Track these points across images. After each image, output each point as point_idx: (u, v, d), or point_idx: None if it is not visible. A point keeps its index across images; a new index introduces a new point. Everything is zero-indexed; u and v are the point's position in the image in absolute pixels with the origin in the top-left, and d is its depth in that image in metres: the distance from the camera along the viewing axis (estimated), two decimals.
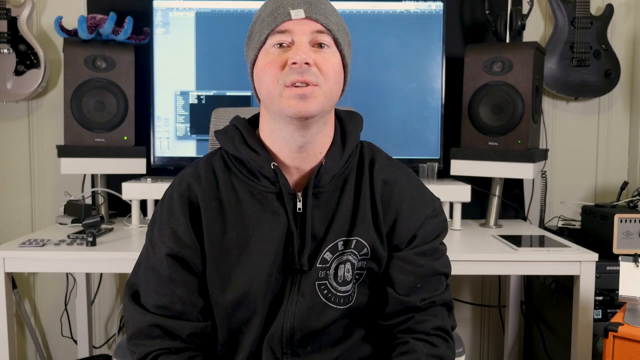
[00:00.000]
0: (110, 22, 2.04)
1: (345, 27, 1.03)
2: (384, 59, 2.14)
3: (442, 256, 1.07)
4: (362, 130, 1.09)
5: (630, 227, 1.81)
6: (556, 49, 2.29)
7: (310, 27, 0.95)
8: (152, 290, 1.00)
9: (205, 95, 2.12)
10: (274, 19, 0.95)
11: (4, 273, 1.68)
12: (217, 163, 1.05)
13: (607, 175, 2.43)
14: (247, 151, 1.00)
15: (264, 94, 0.98)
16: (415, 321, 1.01)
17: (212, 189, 1.02)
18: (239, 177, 1.02)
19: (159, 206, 1.05)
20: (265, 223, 0.99)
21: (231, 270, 0.99)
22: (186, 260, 0.99)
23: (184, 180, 1.03)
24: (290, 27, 0.95)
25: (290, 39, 0.95)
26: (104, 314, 2.42)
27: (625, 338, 1.36)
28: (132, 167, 2.07)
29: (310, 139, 0.99)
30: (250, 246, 0.99)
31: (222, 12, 2.11)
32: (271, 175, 1.00)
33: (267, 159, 1.00)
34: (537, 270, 1.84)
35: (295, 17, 0.95)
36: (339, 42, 0.98)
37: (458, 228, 2.06)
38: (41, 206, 2.38)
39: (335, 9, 1.02)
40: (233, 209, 1.00)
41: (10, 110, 2.34)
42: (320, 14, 0.96)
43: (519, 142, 2.01)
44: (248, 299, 0.97)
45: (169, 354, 0.97)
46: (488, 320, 2.47)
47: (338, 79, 0.98)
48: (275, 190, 1.00)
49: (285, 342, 0.98)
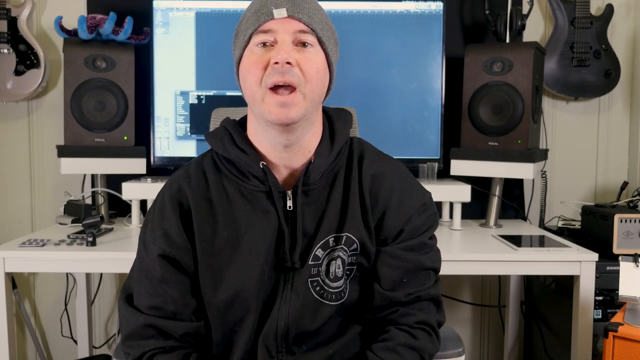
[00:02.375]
0: (110, 22, 2.04)
1: (331, 26, 1.03)
2: (384, 59, 2.14)
3: (430, 251, 1.06)
4: (351, 126, 1.09)
5: (630, 227, 1.81)
6: (556, 49, 2.29)
7: (293, 27, 0.96)
8: (145, 292, 1.01)
9: (205, 95, 2.12)
10: (257, 19, 0.96)
11: (4, 273, 1.68)
12: (207, 164, 1.06)
13: (607, 175, 2.43)
14: (236, 151, 1.01)
15: (248, 95, 0.99)
16: (400, 314, 1.01)
17: (202, 190, 1.03)
18: (229, 177, 1.03)
19: (151, 208, 1.06)
20: (256, 222, 1.00)
21: (223, 270, 0.99)
22: (178, 261, 1.00)
23: (174, 182, 1.05)
24: (273, 27, 0.95)
25: (274, 38, 0.96)
26: (104, 314, 2.42)
27: (625, 338, 1.36)
28: (132, 167, 2.07)
29: (295, 140, 0.99)
30: (241, 246, 0.99)
31: (222, 12, 2.11)
32: (260, 174, 1.00)
33: (256, 159, 1.00)
34: (537, 270, 1.84)
35: (277, 16, 0.95)
36: (322, 41, 0.98)
37: (458, 228, 2.06)
38: (41, 206, 2.38)
39: (320, 7, 1.02)
40: (224, 209, 1.01)
41: (10, 110, 2.34)
42: (303, 13, 0.96)
43: (519, 142, 2.01)
44: (241, 298, 0.98)
45: (163, 353, 0.98)
46: (488, 320, 2.47)
47: (321, 79, 0.98)
48: (265, 189, 1.01)
49: (280, 340, 0.99)
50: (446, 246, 1.87)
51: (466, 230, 2.08)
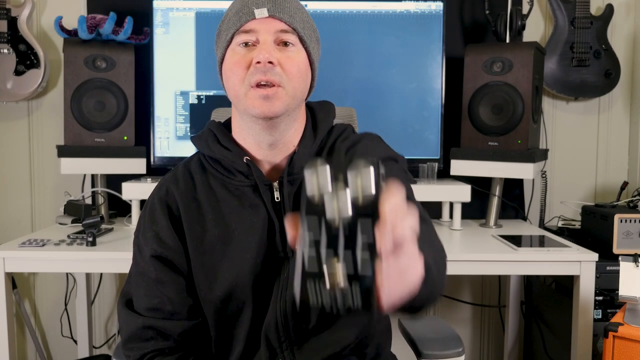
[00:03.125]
0: (110, 22, 2.04)
1: (313, 24, 1.04)
2: (384, 59, 2.14)
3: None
4: (335, 117, 1.10)
5: (630, 227, 1.81)
6: (556, 49, 2.29)
7: (274, 26, 0.97)
8: (142, 294, 1.02)
9: (205, 95, 2.12)
10: (239, 19, 0.97)
11: (4, 273, 1.68)
12: (194, 166, 1.07)
13: (607, 175, 2.43)
14: (220, 149, 1.03)
15: (231, 93, 1.00)
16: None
17: (189, 191, 1.04)
18: (215, 176, 1.04)
19: (142, 212, 1.07)
20: (245, 217, 1.01)
21: (216, 267, 1.00)
22: (171, 261, 1.01)
23: (163, 185, 1.06)
24: (255, 27, 0.96)
25: (255, 38, 0.97)
26: (104, 314, 2.42)
27: (625, 338, 1.36)
28: (132, 167, 2.07)
29: (279, 137, 1.00)
30: (233, 241, 1.00)
31: (222, 12, 2.10)
32: (245, 169, 1.01)
33: (239, 154, 1.01)
34: (537, 270, 1.84)
35: (259, 16, 0.96)
36: (304, 40, 0.99)
37: (458, 228, 2.06)
38: (41, 206, 2.38)
39: (301, 6, 1.03)
40: (212, 207, 1.02)
41: (10, 110, 2.34)
42: (284, 12, 0.97)
43: (519, 142, 2.01)
44: (236, 292, 0.99)
45: (162, 355, 0.99)
46: (488, 320, 2.47)
47: (303, 78, 0.99)
48: (250, 184, 1.02)
49: (281, 331, 0.99)
50: (446, 246, 1.86)
51: (466, 230, 2.08)
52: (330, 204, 0.54)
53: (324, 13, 2.10)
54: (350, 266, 0.53)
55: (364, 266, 0.53)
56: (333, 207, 0.54)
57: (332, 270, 0.54)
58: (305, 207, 0.55)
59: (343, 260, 0.54)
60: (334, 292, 0.54)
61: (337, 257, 0.54)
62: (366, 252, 0.53)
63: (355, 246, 0.54)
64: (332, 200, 0.54)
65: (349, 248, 0.54)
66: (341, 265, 0.54)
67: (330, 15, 2.10)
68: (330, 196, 0.55)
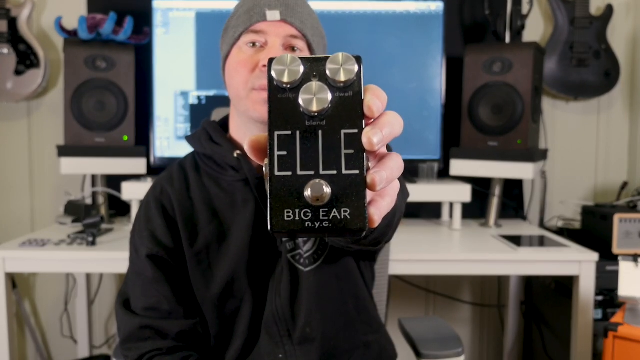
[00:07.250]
0: (110, 22, 2.04)
1: (322, 31, 1.04)
2: (384, 59, 2.14)
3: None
4: None
5: (630, 227, 1.81)
6: (556, 49, 2.29)
7: (284, 31, 0.96)
8: (139, 294, 1.02)
9: (205, 95, 2.12)
10: (250, 18, 0.96)
11: (4, 273, 1.68)
12: (188, 164, 1.08)
13: (607, 175, 2.43)
14: (212, 146, 1.03)
15: (232, 92, 1.01)
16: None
17: (184, 189, 1.04)
18: (209, 173, 1.05)
19: (138, 212, 1.08)
20: (238, 213, 1.01)
21: (212, 264, 1.00)
22: (167, 260, 1.01)
23: (158, 185, 1.07)
24: (265, 28, 0.96)
25: (264, 39, 0.96)
26: (104, 314, 2.42)
27: (625, 338, 1.36)
28: (132, 167, 2.07)
29: None
30: (227, 238, 1.00)
31: (222, 12, 2.11)
32: (235, 163, 1.01)
33: (230, 149, 1.02)
34: (537, 270, 1.84)
35: (270, 18, 0.95)
36: (312, 47, 0.99)
37: (458, 228, 2.06)
38: (41, 206, 2.38)
39: (312, 11, 1.02)
40: (206, 205, 1.02)
41: (10, 110, 2.34)
42: (296, 17, 0.97)
43: (519, 142, 2.01)
44: (233, 289, 0.99)
45: (161, 354, 0.99)
46: (488, 320, 2.47)
47: None
48: (241, 178, 1.02)
49: (281, 324, 1.00)
50: (446, 246, 1.87)
51: (466, 230, 2.08)
52: (305, 94, 0.44)
53: (324, 13, 2.10)
54: (333, 173, 0.43)
55: (349, 167, 0.43)
56: (309, 100, 0.44)
57: (313, 183, 0.43)
58: (273, 100, 0.44)
59: (324, 167, 0.43)
60: (316, 209, 0.43)
61: (317, 163, 0.44)
62: (352, 152, 0.43)
63: (338, 149, 0.44)
64: (308, 91, 0.44)
65: (330, 151, 0.44)
66: (323, 173, 0.43)
67: (330, 15, 2.10)
68: (306, 87, 0.44)
